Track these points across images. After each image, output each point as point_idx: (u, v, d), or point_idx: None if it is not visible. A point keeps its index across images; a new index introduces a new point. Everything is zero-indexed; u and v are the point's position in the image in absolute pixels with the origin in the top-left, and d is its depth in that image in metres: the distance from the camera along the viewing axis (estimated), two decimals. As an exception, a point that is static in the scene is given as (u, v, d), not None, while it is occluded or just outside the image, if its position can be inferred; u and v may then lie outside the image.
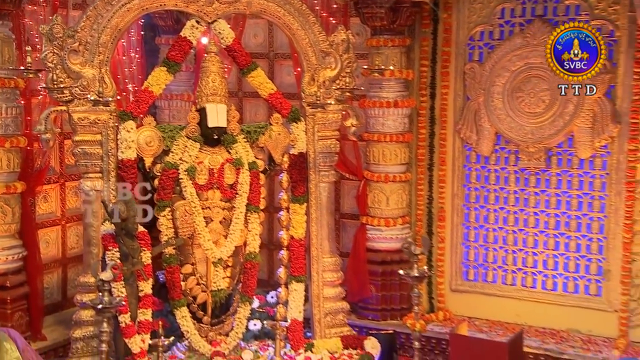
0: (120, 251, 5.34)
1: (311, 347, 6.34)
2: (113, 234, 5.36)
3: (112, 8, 5.68)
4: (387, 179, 7.34)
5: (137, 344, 5.44)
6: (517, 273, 7.27)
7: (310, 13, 6.38)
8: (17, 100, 6.28)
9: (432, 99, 7.44)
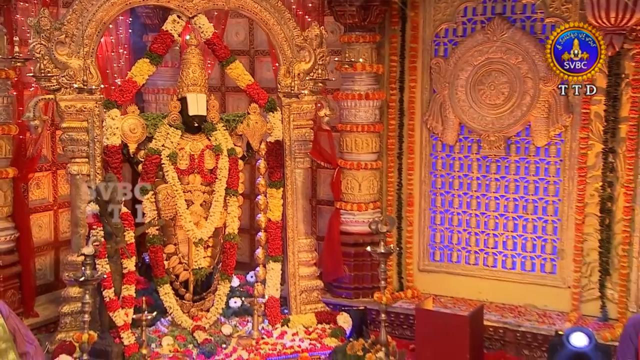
0: (104, 230, 5.25)
1: (287, 322, 6.31)
2: (98, 214, 5.27)
3: (97, 2, 5.61)
4: (360, 166, 7.30)
5: (120, 317, 5.37)
6: (479, 253, 7.24)
7: (285, 10, 6.32)
8: (9, 90, 6.17)
9: (401, 92, 7.39)
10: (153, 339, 5.77)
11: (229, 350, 5.76)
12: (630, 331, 2.49)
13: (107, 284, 5.26)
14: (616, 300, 6.40)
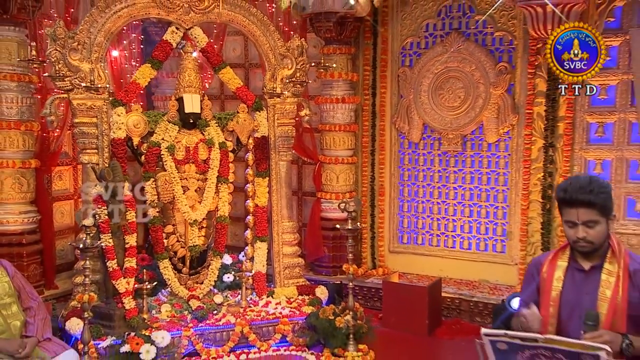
0: (108, 209, 5.20)
1: (272, 294, 6.23)
2: (102, 195, 5.21)
3: (106, 15, 5.55)
4: (337, 161, 7.25)
5: (122, 285, 5.29)
6: (440, 236, 7.19)
7: (270, 23, 6.26)
8: (32, 93, 6.14)
9: (373, 97, 7.35)
10: (154, 307, 5.71)
11: (219, 316, 5.70)
12: (532, 270, 2.45)
13: (110, 256, 5.19)
14: (556, 274, 6.32)
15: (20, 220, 6.08)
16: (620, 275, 2.28)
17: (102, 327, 5.12)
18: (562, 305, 2.34)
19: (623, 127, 6.04)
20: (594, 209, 2.25)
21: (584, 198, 2.24)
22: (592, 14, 5.98)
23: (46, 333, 3.71)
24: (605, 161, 6.15)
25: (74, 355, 3.77)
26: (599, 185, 2.28)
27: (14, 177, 6.03)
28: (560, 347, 2.09)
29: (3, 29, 5.88)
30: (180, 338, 5.31)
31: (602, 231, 2.27)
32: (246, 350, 5.47)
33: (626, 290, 2.26)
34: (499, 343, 2.18)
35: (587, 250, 2.29)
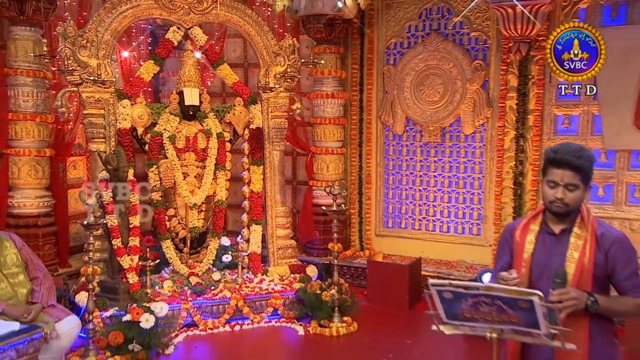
0: (112, 192, 5.22)
1: (266, 272, 6.25)
2: (107, 179, 5.24)
3: (112, 15, 5.56)
4: (327, 151, 7.24)
5: (126, 262, 5.32)
6: (422, 221, 7.19)
7: (264, 23, 6.26)
8: (47, 88, 6.14)
9: (360, 93, 7.35)
10: (157, 283, 5.73)
11: (216, 291, 5.72)
12: (506, 235, 2.45)
13: (115, 235, 5.22)
14: (528, 255, 6.33)
15: (36, 204, 6.10)
16: (588, 239, 2.27)
17: (107, 299, 5.14)
18: (533, 266, 2.34)
19: (587, 119, 6.04)
20: (578, 173, 2.24)
21: (572, 161, 2.23)
22: (559, 14, 5.97)
23: (50, 300, 3.73)
24: (571, 150, 6.13)
25: (75, 320, 3.78)
26: (587, 154, 2.28)
27: (30, 164, 6.04)
28: (498, 294, 2.10)
29: (20, 29, 5.89)
30: (179, 310, 5.34)
31: (579, 196, 2.27)
32: (240, 322, 5.50)
33: (593, 252, 2.26)
34: (444, 292, 2.19)
35: (561, 212, 2.28)
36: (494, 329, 2.22)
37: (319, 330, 5.31)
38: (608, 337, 2.35)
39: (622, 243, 2.30)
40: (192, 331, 5.27)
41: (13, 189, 6.07)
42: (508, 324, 2.17)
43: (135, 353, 4.54)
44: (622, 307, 2.27)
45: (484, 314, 2.18)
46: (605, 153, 5.95)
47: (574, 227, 2.30)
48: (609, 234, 2.30)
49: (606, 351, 2.32)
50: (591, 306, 2.18)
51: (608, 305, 2.23)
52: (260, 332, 5.35)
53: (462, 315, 2.24)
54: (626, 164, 5.87)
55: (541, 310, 2.06)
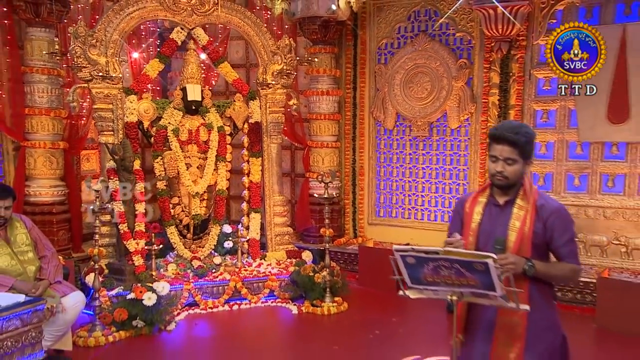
0: (119, 180, 5.26)
1: (264, 257, 6.29)
2: (114, 168, 5.28)
3: (120, 16, 5.61)
4: (323, 145, 7.25)
5: (132, 245, 5.37)
6: (411, 210, 7.18)
7: (262, 25, 6.30)
8: (60, 85, 6.17)
9: (354, 90, 7.34)
10: (162, 266, 5.77)
11: (217, 273, 5.75)
12: (458, 207, 2.48)
13: (122, 220, 5.27)
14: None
15: (50, 193, 6.13)
16: (529, 210, 2.31)
17: (115, 280, 5.19)
18: (480, 234, 2.38)
19: (564, 114, 6.02)
20: (515, 148, 2.27)
21: (509, 137, 2.26)
22: (537, 15, 5.96)
23: (57, 277, 3.77)
24: (549, 143, 6.13)
25: (80, 295, 3.82)
26: (525, 131, 2.31)
27: (45, 156, 6.08)
28: (456, 258, 2.12)
29: (35, 30, 5.92)
30: (182, 291, 5.38)
31: (517, 170, 2.30)
32: (239, 302, 5.54)
33: (532, 221, 2.30)
34: (408, 257, 2.21)
35: (502, 184, 2.32)
36: (454, 292, 2.24)
37: (311, 309, 5.35)
38: (547, 299, 2.38)
39: (560, 213, 2.33)
40: (193, 310, 5.31)
41: (29, 178, 6.11)
42: (467, 286, 2.20)
43: (139, 329, 4.59)
44: (559, 272, 2.30)
45: (444, 277, 2.20)
46: (581, 145, 5.94)
47: (517, 198, 2.34)
48: (548, 205, 2.33)
49: (544, 312, 2.35)
50: (528, 270, 2.21)
51: (545, 269, 2.26)
52: (256, 312, 5.39)
53: (425, 279, 2.26)
54: (600, 156, 5.85)
55: (496, 272, 2.08)
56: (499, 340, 2.32)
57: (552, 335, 2.34)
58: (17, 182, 6.07)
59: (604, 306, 4.72)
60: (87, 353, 4.28)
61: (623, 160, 5.73)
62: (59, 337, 3.73)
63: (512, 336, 2.30)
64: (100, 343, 4.41)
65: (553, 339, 2.34)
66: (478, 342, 2.38)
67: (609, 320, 4.69)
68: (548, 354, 2.31)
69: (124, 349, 4.40)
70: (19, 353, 2.96)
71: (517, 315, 2.27)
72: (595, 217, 5.87)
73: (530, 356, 2.29)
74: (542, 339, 2.31)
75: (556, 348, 2.35)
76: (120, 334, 4.55)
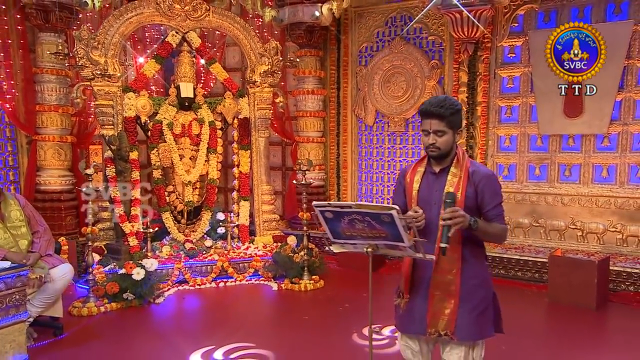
0: (115, 169, 5.32)
1: (252, 241, 6.31)
2: (111, 157, 5.34)
3: (120, 21, 5.68)
4: (309, 140, 7.30)
5: (127, 227, 5.43)
6: (390, 200, 7.18)
7: (251, 29, 6.33)
8: (68, 84, 6.27)
9: (337, 90, 7.37)
10: (157, 248, 5.81)
11: (207, 255, 5.80)
12: (400, 178, 2.49)
13: (118, 205, 5.32)
14: (475, 227, 6.33)
15: (59, 182, 6.24)
16: (462, 176, 2.31)
17: (112, 259, 5.24)
18: (419, 200, 2.38)
19: (525, 109, 6.01)
20: (442, 120, 2.28)
21: (435, 111, 2.27)
22: (500, 19, 5.96)
23: (48, 250, 3.82)
24: (512, 136, 6.13)
25: (68, 267, 3.86)
26: (450, 104, 2.31)
27: (54, 148, 6.19)
28: (366, 211, 2.14)
29: (45, 35, 6.03)
30: (173, 269, 5.42)
31: (448, 140, 2.31)
32: (225, 280, 5.56)
33: (465, 186, 2.30)
34: (326, 212, 2.22)
35: (436, 155, 2.33)
36: (370, 244, 2.26)
37: (290, 286, 5.37)
38: (478, 258, 2.39)
39: (490, 179, 2.34)
40: (183, 287, 5.35)
41: (40, 169, 6.22)
42: (380, 238, 2.22)
43: (129, 301, 4.64)
44: (493, 230, 2.30)
45: (360, 230, 2.22)
46: (541, 138, 5.92)
47: (451, 166, 2.35)
48: (479, 171, 2.35)
49: (476, 270, 2.36)
50: (473, 224, 2.20)
51: (484, 226, 2.27)
52: (240, 288, 5.42)
53: (344, 233, 2.28)
54: (558, 147, 5.83)
55: (400, 223, 2.09)
56: (434, 298, 2.33)
57: (484, 291, 2.35)
58: (29, 172, 6.17)
59: (555, 282, 4.70)
60: (79, 321, 4.33)
61: (578, 152, 5.71)
62: (50, 305, 3.78)
63: (447, 293, 2.31)
64: (92, 313, 4.47)
65: (485, 295, 2.35)
66: (418, 300, 2.39)
67: (559, 294, 4.67)
68: (480, 309, 2.33)
69: (114, 319, 4.46)
70: (4, 314, 3.01)
71: (450, 273, 2.28)
72: (554, 204, 5.86)
73: (464, 311, 2.30)
74: (475, 295, 2.32)
75: (489, 303, 2.36)
76: (111, 305, 4.60)
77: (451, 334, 2.31)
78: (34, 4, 5.76)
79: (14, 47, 6.02)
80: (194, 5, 5.94)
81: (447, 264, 2.28)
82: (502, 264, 5.60)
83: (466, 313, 2.30)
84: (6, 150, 6.20)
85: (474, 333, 2.32)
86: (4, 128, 6.14)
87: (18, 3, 5.87)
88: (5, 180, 6.19)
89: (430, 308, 2.34)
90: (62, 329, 3.94)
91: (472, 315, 2.30)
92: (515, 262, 5.50)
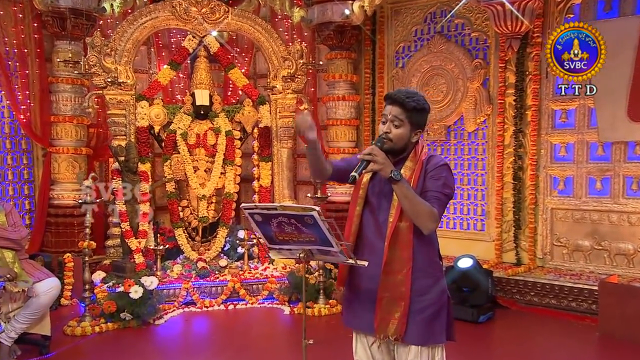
0: (123, 181, 5.58)
1: (272, 261, 6.36)
2: (119, 169, 5.61)
3: (133, 26, 6.01)
4: (339, 151, 7.28)
5: (133, 243, 5.64)
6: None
7: (273, 31, 6.50)
8: (84, 94, 6.64)
9: (372, 95, 7.36)
10: (168, 267, 6.02)
11: (220, 275, 5.92)
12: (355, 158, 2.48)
13: (124, 219, 5.57)
14: (527, 249, 6.10)
15: (72, 196, 6.53)
16: (415, 168, 2.31)
17: (116, 277, 5.47)
18: (370, 189, 2.38)
19: (583, 113, 5.76)
20: (405, 111, 2.29)
21: (399, 98, 2.30)
22: (553, 10, 5.78)
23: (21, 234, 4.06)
24: (568, 144, 5.88)
25: (54, 281, 4.06)
26: (418, 98, 2.32)
27: (68, 161, 6.54)
28: (290, 213, 2.14)
29: (62, 43, 6.46)
30: (180, 290, 5.58)
31: (403, 134, 2.30)
32: (235, 302, 5.66)
33: (417, 178, 2.29)
34: (255, 215, 2.25)
35: (387, 147, 2.31)
36: (304, 249, 2.26)
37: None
38: (432, 258, 2.36)
39: (440, 165, 2.32)
40: (190, 308, 5.49)
41: (54, 182, 6.59)
42: (309, 243, 2.21)
43: (127, 321, 4.83)
44: (418, 201, 2.21)
45: (290, 235, 2.23)
46: (603, 146, 5.64)
47: (406, 160, 2.33)
48: (433, 159, 2.34)
49: (429, 270, 2.32)
50: (396, 176, 2.16)
51: (408, 190, 2.19)
52: (250, 312, 5.49)
53: (277, 238, 2.29)
54: (623, 157, 5.52)
55: (324, 225, 2.09)
56: (383, 300, 2.30)
57: (437, 294, 2.32)
58: (43, 185, 6.57)
59: (606, 313, 4.42)
60: (72, 340, 4.55)
61: (648, 161, 5.39)
62: (36, 321, 4.00)
63: (397, 295, 2.28)
64: (86, 333, 4.68)
65: (438, 297, 2.32)
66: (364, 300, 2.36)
67: (611, 327, 4.39)
68: (432, 312, 2.30)
69: (108, 339, 4.64)
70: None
71: (401, 273, 2.26)
72: (619, 224, 5.53)
73: (415, 314, 2.28)
74: (427, 297, 2.29)
75: (442, 307, 2.33)
76: (107, 325, 4.80)
77: (401, 339, 2.29)
78: (50, 12, 6.21)
79: (31, 56, 6.50)
80: (212, 7, 6.19)
81: (397, 263, 2.26)
82: (552, 292, 5.33)
83: (417, 316, 2.28)
84: (22, 163, 6.64)
85: (427, 338, 2.30)
86: (19, 140, 6.59)
87: (35, 11, 6.34)
88: (20, 194, 6.63)
89: (378, 312, 2.31)
90: (48, 348, 4.15)
91: (423, 319, 2.28)
92: (569, 290, 5.22)
